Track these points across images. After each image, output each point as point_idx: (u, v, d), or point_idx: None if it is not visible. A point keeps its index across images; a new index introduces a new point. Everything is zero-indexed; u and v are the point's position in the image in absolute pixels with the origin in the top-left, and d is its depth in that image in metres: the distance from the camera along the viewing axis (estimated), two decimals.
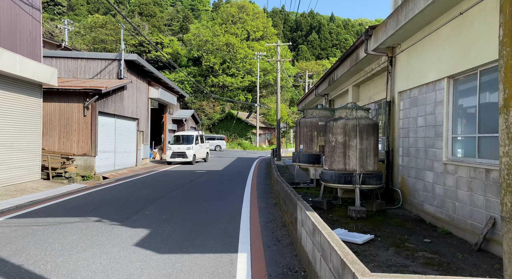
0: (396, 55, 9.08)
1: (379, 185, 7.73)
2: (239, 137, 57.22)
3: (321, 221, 3.85)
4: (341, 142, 7.75)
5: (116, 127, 17.44)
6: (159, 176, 15.70)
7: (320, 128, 11.83)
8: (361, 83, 13.04)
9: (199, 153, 23.36)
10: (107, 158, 16.41)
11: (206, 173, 17.05)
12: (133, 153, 19.71)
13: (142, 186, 12.25)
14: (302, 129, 12.17)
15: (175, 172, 17.63)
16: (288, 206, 6.25)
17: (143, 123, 21.17)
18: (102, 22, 76.65)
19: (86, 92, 14.61)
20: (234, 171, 17.96)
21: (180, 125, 28.62)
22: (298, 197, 5.57)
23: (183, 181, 13.69)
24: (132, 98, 19.24)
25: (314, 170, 11.89)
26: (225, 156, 32.62)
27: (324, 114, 12.12)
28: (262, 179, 14.53)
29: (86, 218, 7.14)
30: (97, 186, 12.24)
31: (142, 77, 20.71)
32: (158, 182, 13.40)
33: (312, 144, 11.95)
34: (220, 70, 63.68)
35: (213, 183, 13.01)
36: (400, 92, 8.94)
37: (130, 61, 18.33)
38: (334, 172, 7.76)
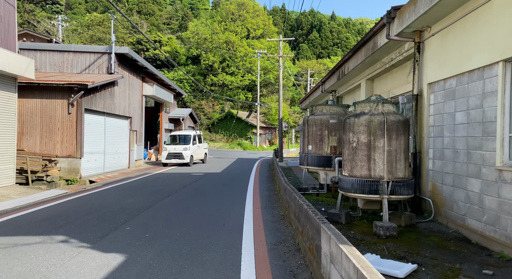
0: (425, 40, 7.70)
1: (410, 195, 6.36)
2: (239, 137, 55.86)
3: (373, 270, 2.46)
4: (365, 142, 6.38)
5: (106, 126, 16.06)
6: (152, 180, 14.33)
7: (331, 127, 10.46)
8: (376, 76, 11.67)
9: (196, 154, 21.99)
10: (96, 160, 15.03)
11: (203, 176, 15.68)
12: (125, 154, 18.34)
13: (130, 192, 10.88)
14: (310, 128, 10.80)
15: (170, 175, 16.25)
16: (304, 225, 4.88)
17: (137, 122, 19.80)
18: (99, 20, 75.31)
19: (70, 87, 13.24)
20: (234, 174, 16.59)
21: (177, 124, 27.24)
22: (320, 217, 4.19)
23: (178, 185, 12.32)
24: (124, 95, 17.86)
25: (325, 174, 10.52)
26: (224, 156, 31.25)
27: (336, 110, 10.75)
28: (265, 183, 13.16)
29: (52, 236, 5.77)
30: (80, 192, 10.87)
31: (135, 73, 19.34)
32: (150, 187, 12.03)
33: (322, 145, 10.58)
34: (220, 69, 62.31)
35: (210, 189, 11.65)
36: (430, 83, 7.57)
37: (121, 55, 16.95)
38: (355, 180, 6.39)
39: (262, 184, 12.75)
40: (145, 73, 20.79)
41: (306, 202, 5.17)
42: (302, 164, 11.11)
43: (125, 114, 17.97)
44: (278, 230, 6.23)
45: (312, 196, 10.27)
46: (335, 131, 10.47)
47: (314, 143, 10.70)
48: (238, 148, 49.89)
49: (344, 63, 13.01)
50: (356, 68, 11.99)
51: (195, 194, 10.46)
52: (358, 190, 6.34)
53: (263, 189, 11.46)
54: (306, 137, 11.00)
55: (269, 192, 10.91)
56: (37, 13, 77.15)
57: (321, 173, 10.62)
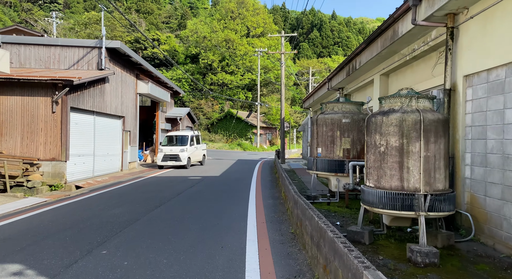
0: (460, 25, 6.52)
1: (451, 211, 5.17)
2: (239, 137, 54.67)
3: None
4: (396, 146, 5.19)
5: (96, 126, 14.87)
6: (145, 184, 13.13)
7: (344, 127, 9.29)
8: (392, 71, 10.49)
9: (194, 156, 20.80)
10: (84, 163, 13.84)
11: (201, 180, 14.48)
12: (117, 156, 17.14)
13: (118, 200, 9.69)
14: (320, 128, 9.63)
15: (165, 179, 15.05)
16: (328, 259, 3.69)
17: (130, 121, 18.60)
18: (97, 18, 74.14)
19: (54, 84, 12.05)
20: (234, 177, 15.40)
21: (174, 124, 26.06)
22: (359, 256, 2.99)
23: (172, 192, 11.13)
24: (116, 92, 16.66)
25: (337, 180, 9.34)
26: (224, 158, 30.06)
27: (349, 108, 9.57)
28: (268, 189, 11.97)
29: (3, 266, 4.58)
30: (62, 200, 9.68)
31: (128, 70, 18.14)
32: (141, 193, 10.83)
33: (334, 148, 9.40)
34: (219, 68, 61.12)
35: (208, 196, 10.45)
36: (467, 75, 6.39)
37: (113, 49, 15.75)
38: (383, 192, 5.19)
39: (265, 190, 11.56)
40: (140, 70, 19.60)
41: (330, 226, 3.97)
42: (311, 168, 9.93)
43: (117, 113, 16.78)
44: (289, 255, 5.04)
45: (322, 206, 9.08)
46: (349, 131, 9.29)
47: (324, 146, 9.53)
48: (238, 149, 48.70)
49: (355, 57, 11.82)
50: (369, 62, 10.80)
51: (190, 203, 9.27)
52: (387, 205, 5.15)
53: (267, 197, 10.27)
54: (315, 139, 9.82)
55: (273, 200, 9.71)
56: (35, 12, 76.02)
57: (333, 180, 9.44)
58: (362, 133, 9.34)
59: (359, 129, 9.32)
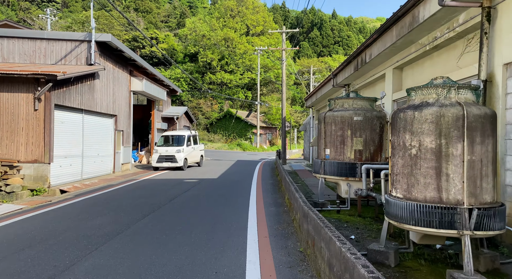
0: (498, 4, 5.52)
1: (502, 229, 4.15)
2: (238, 137, 53.68)
3: None
4: (431, 148, 4.17)
5: (85, 126, 13.85)
6: (136, 188, 12.12)
7: (355, 126, 8.29)
8: (407, 63, 9.48)
9: (191, 157, 19.78)
10: (71, 165, 12.82)
11: (197, 183, 13.47)
12: (109, 158, 16.12)
13: (103, 207, 8.68)
14: (328, 127, 8.62)
15: (158, 182, 14.04)
16: None
17: (123, 120, 17.59)
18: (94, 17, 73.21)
19: (37, 79, 11.03)
20: (233, 180, 14.39)
21: (171, 124, 25.05)
22: None
23: (164, 197, 10.12)
24: (108, 90, 15.65)
25: (347, 185, 8.33)
26: (223, 158, 29.05)
27: (361, 105, 8.56)
28: (270, 193, 10.95)
29: None
30: (40, 208, 8.67)
31: (121, 66, 17.12)
32: (129, 199, 9.82)
33: (344, 149, 8.40)
34: (218, 67, 60.11)
35: (203, 202, 9.44)
36: (508, 64, 5.39)
37: (103, 43, 14.73)
38: (416, 205, 4.18)
39: (267, 195, 10.54)
40: (133, 66, 18.58)
41: (360, 258, 2.94)
42: (318, 172, 8.93)
43: (108, 111, 15.76)
44: None
45: (332, 214, 8.07)
46: (361, 130, 8.29)
47: (333, 146, 8.52)
48: (238, 149, 47.70)
49: (365, 49, 10.81)
50: (381, 54, 9.81)
51: (183, 211, 8.26)
52: (421, 221, 4.14)
53: (269, 203, 9.26)
54: (322, 139, 8.82)
55: (276, 207, 8.70)
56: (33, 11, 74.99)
57: (343, 184, 8.43)
58: (376, 132, 8.35)
59: (373, 128, 8.31)
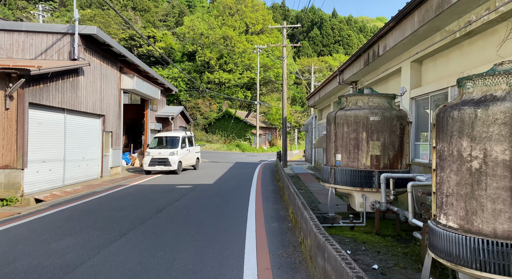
0: None
1: None
2: (238, 137, 52.47)
3: None
4: (504, 161, 2.94)
5: (67, 126, 12.61)
6: (121, 197, 10.88)
7: (372, 127, 7.08)
8: (430, 55, 8.25)
9: (186, 159, 18.54)
10: (50, 170, 11.58)
11: (191, 190, 12.24)
12: (96, 161, 14.88)
13: (76, 222, 7.44)
14: (340, 129, 7.40)
15: (148, 188, 12.80)
16: None
17: (113, 121, 16.34)
18: (90, 15, 72.02)
19: (8, 74, 9.79)
20: (231, 186, 13.15)
21: (166, 124, 23.81)
22: None
23: (151, 208, 8.88)
24: (94, 87, 14.41)
25: (362, 197, 7.11)
26: (221, 160, 27.81)
27: (378, 103, 7.35)
28: (271, 203, 9.72)
29: None
30: (1, 224, 7.42)
31: (110, 62, 15.88)
32: (110, 211, 8.58)
33: (358, 154, 7.17)
34: (217, 66, 58.88)
35: (194, 216, 8.21)
36: None
37: (88, 36, 13.49)
38: (481, 241, 2.95)
39: (267, 206, 9.31)
40: (124, 63, 17.33)
41: None
42: (327, 181, 7.70)
43: (95, 111, 14.51)
44: None
45: (344, 232, 6.84)
46: (378, 133, 7.06)
47: (345, 151, 7.29)
48: (237, 150, 46.49)
49: (378, 40, 9.57)
50: (398, 46, 8.58)
51: (169, 228, 7.02)
52: (490, 265, 2.90)
53: (270, 217, 8.02)
54: (332, 142, 7.59)
55: (279, 223, 7.46)
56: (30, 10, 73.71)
57: (357, 196, 7.20)
58: (396, 134, 7.12)
59: (392, 130, 7.09)
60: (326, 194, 11.45)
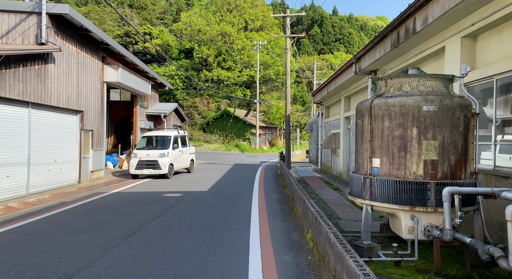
0: None
1: None
2: (237, 137, 50.42)
3: None
4: None
5: (33, 124, 10.55)
6: (94, 209, 8.82)
7: (427, 121, 5.03)
8: (490, 27, 6.21)
9: (179, 162, 16.48)
10: (8, 177, 9.50)
11: (180, 199, 10.18)
12: (72, 164, 12.81)
13: (10, 254, 5.38)
14: (378, 123, 5.36)
15: (130, 197, 10.73)
16: None
17: (94, 118, 14.27)
18: (85, 11, 70.05)
19: None
20: (228, 195, 11.10)
21: (158, 122, 21.74)
22: None
23: (125, 228, 6.84)
24: (69, 78, 12.34)
25: (413, 219, 5.06)
26: (218, 161, 25.76)
27: (432, 87, 5.33)
28: (279, 220, 7.67)
29: None
30: None
31: (90, 50, 13.81)
32: (70, 232, 6.52)
33: (406, 158, 5.13)
34: (215, 63, 56.79)
35: (180, 241, 6.16)
36: None
37: (60, 18, 11.43)
38: None
39: (275, 224, 7.26)
40: (107, 52, 15.26)
41: None
42: (359, 195, 5.64)
43: (70, 106, 12.45)
44: None
45: (388, 268, 4.79)
46: (435, 128, 5.03)
47: (386, 155, 5.23)
48: (236, 150, 44.44)
49: (415, 12, 7.51)
50: (445, 16, 6.54)
51: (139, 264, 4.97)
52: None
53: (281, 245, 5.96)
54: (366, 143, 5.54)
55: (294, 255, 5.39)
56: None
57: (404, 217, 5.15)
58: (459, 131, 5.08)
59: (454, 124, 5.05)
60: (343, 205, 9.42)
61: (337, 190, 12.54)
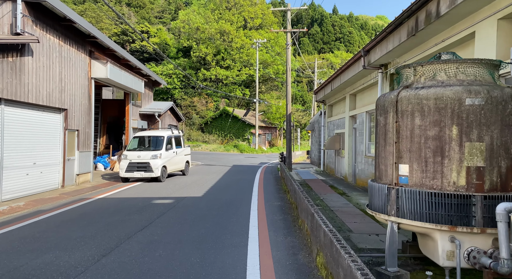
0: None
1: None
2: (235, 137, 49.36)
3: None
4: None
5: (6, 122, 9.50)
6: (70, 220, 7.76)
7: (470, 117, 3.90)
8: None
9: (172, 164, 15.41)
10: None
11: (170, 207, 9.13)
12: (54, 167, 11.75)
13: None
14: (406, 121, 4.25)
15: (115, 204, 9.67)
16: None
17: (80, 117, 13.21)
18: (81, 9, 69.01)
19: None
20: (224, 201, 10.05)
21: (152, 122, 20.68)
22: None
23: (100, 245, 5.79)
24: (51, 73, 11.28)
25: (452, 241, 3.97)
26: (216, 163, 24.71)
27: (475, 75, 4.22)
28: (282, 234, 6.62)
29: None
30: None
31: (76, 43, 12.75)
32: (31, 252, 5.47)
33: (443, 164, 4.02)
34: (213, 62, 55.73)
35: (163, 264, 5.11)
36: None
37: (38, 5, 10.37)
38: None
39: (278, 240, 6.21)
40: (95, 46, 14.21)
41: None
42: (381, 210, 4.56)
43: (52, 104, 11.39)
44: None
45: None
46: (481, 127, 3.92)
47: (418, 160, 4.15)
48: (235, 151, 43.40)
49: None
50: None
51: None
52: None
53: (286, 269, 4.90)
54: (390, 144, 4.47)
55: None
56: None
57: (440, 238, 4.05)
58: (511, 130, 4.02)
59: (506, 122, 3.99)
60: (353, 214, 8.38)
61: (344, 195, 11.49)
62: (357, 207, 9.45)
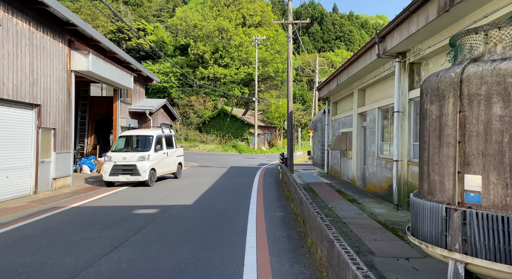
0: None
1: None
2: (234, 137, 47.92)
3: None
4: None
5: None
6: (26, 237, 6.32)
7: None
8: None
9: (162, 166, 13.97)
10: None
11: (153, 219, 7.69)
12: (25, 171, 10.30)
13: None
14: (478, 109, 2.77)
15: (89, 214, 8.22)
16: None
17: (57, 114, 11.77)
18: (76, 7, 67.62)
19: None
20: (218, 210, 8.61)
21: (143, 120, 19.24)
22: None
23: (48, 276, 4.34)
24: (19, 63, 9.84)
25: None
26: (213, 164, 23.27)
27: None
28: (287, 258, 5.20)
29: None
30: None
31: (51, 31, 11.31)
32: None
33: None
34: (211, 60, 54.30)
35: None
36: None
37: None
38: None
39: (280, 266, 4.81)
40: (76, 36, 12.77)
41: None
42: (435, 241, 3.07)
43: (21, 98, 9.95)
44: None
45: None
46: None
47: (497, 167, 2.69)
48: (233, 151, 41.96)
49: None
50: None
51: None
52: None
53: None
54: (447, 144, 3.00)
55: None
56: None
57: None
58: None
59: None
60: (370, 227, 6.96)
61: (354, 203, 10.05)
62: (373, 218, 8.03)
